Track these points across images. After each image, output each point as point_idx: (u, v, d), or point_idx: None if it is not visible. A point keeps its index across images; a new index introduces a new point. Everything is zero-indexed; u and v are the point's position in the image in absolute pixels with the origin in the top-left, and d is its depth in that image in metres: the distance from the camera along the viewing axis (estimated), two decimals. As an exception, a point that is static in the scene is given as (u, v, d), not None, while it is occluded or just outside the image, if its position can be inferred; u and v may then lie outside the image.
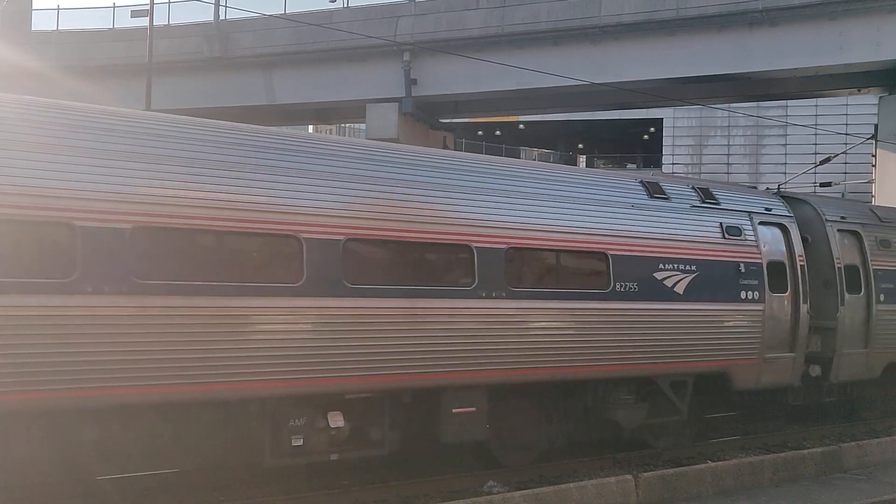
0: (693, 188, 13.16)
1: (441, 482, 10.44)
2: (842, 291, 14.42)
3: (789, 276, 13.54)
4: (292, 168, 9.19)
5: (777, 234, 13.73)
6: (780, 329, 13.38)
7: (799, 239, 13.87)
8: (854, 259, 14.86)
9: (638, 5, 28.41)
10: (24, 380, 7.45)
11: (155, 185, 8.22)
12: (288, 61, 32.35)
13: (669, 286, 11.93)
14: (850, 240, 14.99)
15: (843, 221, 14.98)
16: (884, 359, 15.17)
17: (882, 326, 14.99)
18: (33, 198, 7.57)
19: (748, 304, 12.87)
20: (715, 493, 10.37)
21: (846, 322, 14.44)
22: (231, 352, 8.42)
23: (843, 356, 14.37)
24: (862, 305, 14.81)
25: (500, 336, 10.40)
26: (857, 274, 14.83)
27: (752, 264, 13.00)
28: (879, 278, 15.05)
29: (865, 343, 14.83)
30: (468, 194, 10.51)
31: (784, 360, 13.42)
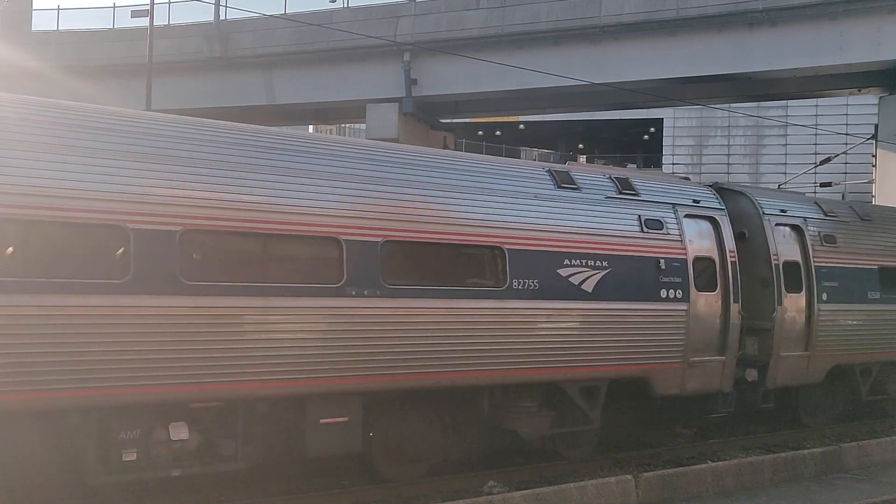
0: (610, 178, 12.24)
1: (441, 482, 10.43)
2: (779, 290, 13.52)
3: (719, 273, 12.68)
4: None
5: (706, 227, 12.82)
6: (708, 330, 12.52)
7: (730, 233, 12.98)
8: (795, 255, 13.97)
9: (638, 5, 28.41)
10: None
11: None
12: (288, 61, 32.36)
13: (576, 283, 11.03)
14: (790, 235, 14.12)
15: (782, 215, 14.09)
16: (828, 361, 14.27)
17: (825, 327, 14.10)
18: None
19: (670, 304, 11.98)
20: (715, 493, 10.38)
21: (784, 323, 13.56)
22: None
23: (781, 359, 13.50)
24: (803, 305, 13.93)
25: (375, 339, 9.43)
26: (798, 271, 13.94)
27: (674, 260, 12.12)
28: (823, 276, 14.18)
29: (807, 345, 13.90)
30: (336, 181, 9.49)
31: (713, 363, 12.55)
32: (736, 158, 53.79)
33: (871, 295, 14.95)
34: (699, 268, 12.45)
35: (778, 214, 14.02)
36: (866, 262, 15.06)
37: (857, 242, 15.12)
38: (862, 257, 15.02)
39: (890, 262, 15.57)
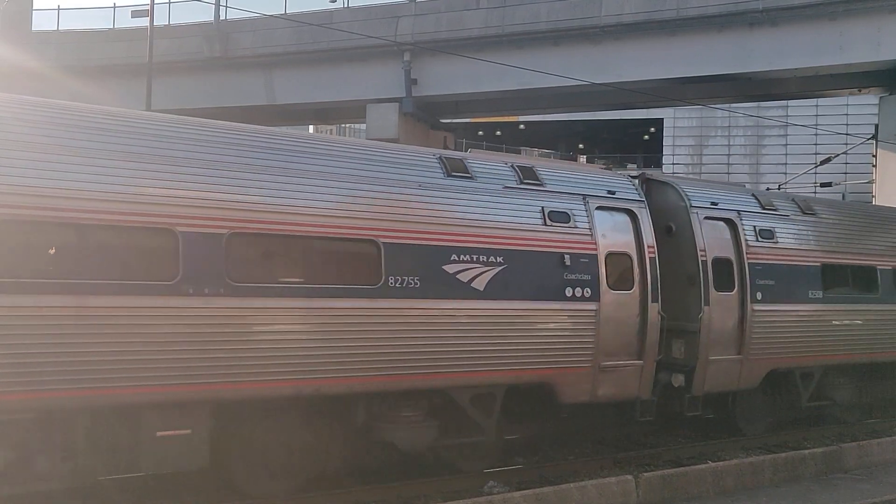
0: (511, 167, 11.25)
1: (441, 482, 10.43)
2: (706, 289, 12.53)
3: (636, 270, 11.72)
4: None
5: (623, 221, 11.85)
6: (624, 332, 11.55)
7: (650, 227, 11.96)
8: (726, 251, 12.98)
9: (638, 5, 28.41)
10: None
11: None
12: (288, 61, 32.37)
13: (465, 281, 10.10)
14: (722, 229, 13.13)
15: (713, 208, 13.08)
16: (763, 366, 13.33)
17: (760, 329, 13.14)
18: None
19: (576, 303, 11.04)
20: (716, 493, 10.38)
21: (713, 324, 12.55)
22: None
23: (709, 363, 12.54)
24: (734, 305, 12.93)
25: (218, 342, 8.50)
26: (730, 269, 12.96)
27: (582, 256, 11.18)
28: (758, 273, 13.18)
29: (739, 348, 12.94)
30: (172, 166, 8.58)
31: (629, 368, 11.60)
32: (736, 158, 53.85)
33: (812, 294, 14.01)
34: (613, 264, 11.53)
35: (708, 207, 13.03)
36: (808, 259, 14.12)
37: (798, 238, 14.18)
38: (803, 254, 14.09)
39: (833, 259, 14.62)
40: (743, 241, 13.17)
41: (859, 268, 15.10)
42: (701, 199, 13.08)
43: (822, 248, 14.42)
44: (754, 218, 13.61)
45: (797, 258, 13.96)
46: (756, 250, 13.31)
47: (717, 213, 13.12)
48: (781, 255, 13.69)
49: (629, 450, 12.68)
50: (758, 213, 13.74)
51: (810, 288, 13.98)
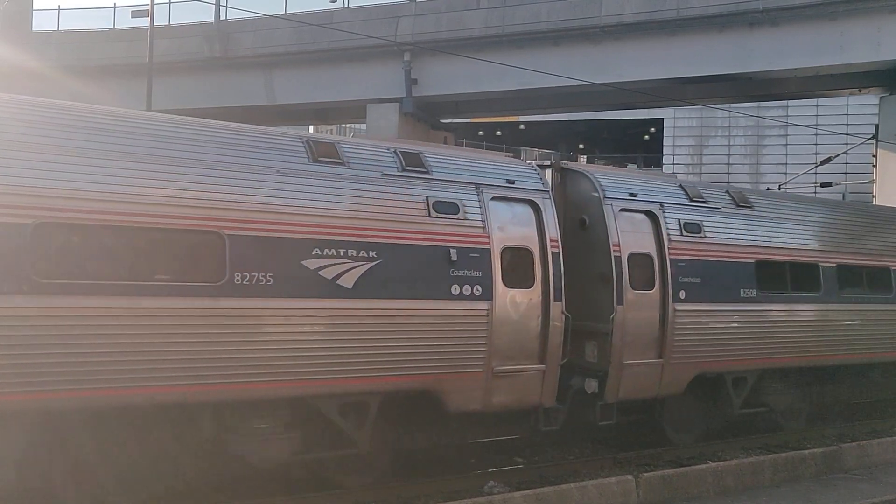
0: (394, 152, 10.30)
1: (442, 482, 10.43)
2: (621, 287, 11.63)
3: (538, 266, 10.81)
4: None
5: (523, 213, 10.95)
6: (522, 334, 10.64)
7: (554, 219, 11.08)
8: (646, 247, 12.09)
9: (638, 5, 28.41)
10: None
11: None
12: (288, 61, 32.37)
13: (330, 278, 9.17)
14: (642, 222, 12.24)
15: (631, 200, 12.16)
16: (688, 370, 12.46)
17: (684, 330, 12.26)
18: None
19: (464, 302, 10.12)
20: (716, 493, 10.38)
21: (628, 325, 11.66)
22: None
23: (624, 368, 11.66)
24: (654, 304, 12.05)
25: (17, 346, 7.56)
26: (650, 265, 12.08)
27: (472, 251, 10.26)
28: (681, 270, 12.30)
29: (660, 351, 12.07)
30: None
31: (529, 374, 10.68)
32: (736, 159, 53.78)
33: (745, 293, 13.11)
34: (510, 260, 10.62)
35: (625, 199, 12.11)
36: (740, 255, 13.20)
37: (729, 232, 13.24)
38: (735, 250, 13.16)
39: (770, 256, 13.70)
40: (665, 236, 12.26)
41: (800, 265, 14.22)
42: (617, 190, 12.14)
43: (757, 243, 13.53)
44: (680, 210, 12.70)
45: (728, 254, 13.04)
46: (680, 245, 12.40)
47: (635, 205, 12.22)
48: (710, 250, 12.78)
49: (629, 450, 12.67)
50: (684, 206, 12.83)
51: (743, 286, 13.10)
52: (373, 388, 9.61)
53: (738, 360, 13.14)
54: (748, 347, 13.21)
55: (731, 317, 13.02)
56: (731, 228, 13.34)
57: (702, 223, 12.86)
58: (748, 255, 13.33)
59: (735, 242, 13.22)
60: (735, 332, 13.08)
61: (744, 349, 13.15)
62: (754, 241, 13.53)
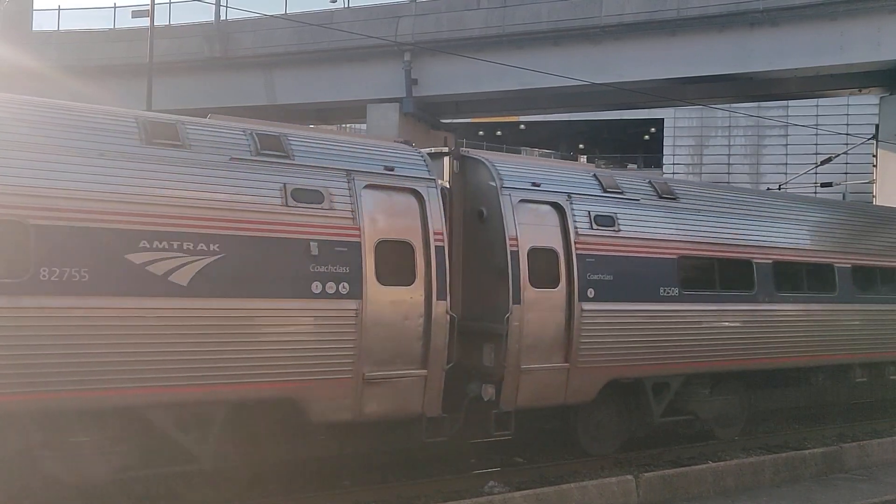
0: (250, 135, 9.35)
1: (442, 482, 10.43)
2: (517, 284, 10.67)
3: (419, 262, 9.95)
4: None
5: (404, 203, 10.09)
6: (400, 336, 9.79)
7: (439, 211, 10.22)
8: (549, 241, 11.16)
9: (639, 5, 28.41)
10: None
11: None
12: (288, 61, 32.37)
13: (160, 274, 8.28)
14: (546, 214, 11.31)
15: (533, 190, 11.23)
16: (599, 375, 11.51)
17: (593, 332, 11.33)
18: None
19: (328, 301, 9.25)
20: (716, 493, 10.37)
21: (526, 327, 10.71)
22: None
23: (522, 373, 10.71)
24: (559, 304, 11.10)
25: None
26: (554, 261, 11.16)
27: (338, 244, 9.39)
28: (590, 267, 11.36)
29: (566, 355, 11.13)
30: None
31: (407, 380, 9.79)
32: (737, 159, 53.82)
33: (665, 292, 12.17)
34: (386, 255, 9.77)
35: (526, 189, 11.19)
36: (661, 250, 12.23)
37: (648, 226, 12.27)
38: (655, 245, 12.20)
39: (696, 252, 12.75)
40: (572, 229, 11.34)
41: (731, 261, 13.25)
42: (517, 179, 11.19)
43: (680, 238, 12.54)
44: (590, 202, 11.73)
45: (646, 249, 12.07)
46: (589, 240, 11.47)
47: (539, 196, 11.29)
48: (624, 245, 11.83)
49: (629, 450, 12.66)
50: (596, 197, 11.86)
51: (663, 284, 12.16)
52: (216, 397, 8.67)
53: (657, 365, 12.18)
54: (669, 351, 12.23)
55: (649, 317, 12.03)
56: (651, 221, 12.35)
57: (616, 216, 11.90)
58: (670, 250, 12.35)
59: (654, 237, 12.25)
60: (653, 334, 12.07)
61: (664, 353, 12.18)
62: (677, 235, 12.53)
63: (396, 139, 10.77)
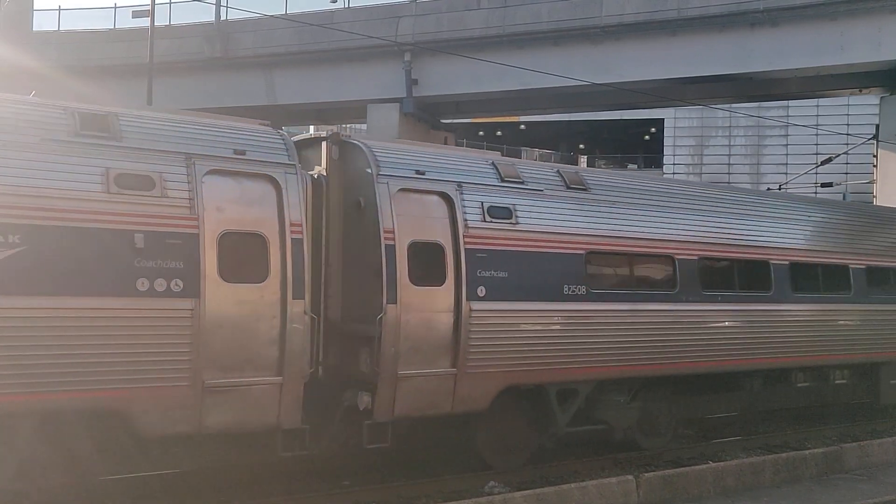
0: (71, 114, 8.44)
1: (442, 482, 10.43)
2: (393, 282, 9.73)
3: (272, 256, 9.04)
4: None
5: (258, 191, 9.15)
6: (249, 339, 8.89)
7: (298, 200, 9.29)
8: (434, 234, 10.23)
9: (639, 5, 28.40)
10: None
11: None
12: (289, 62, 32.37)
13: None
14: (431, 205, 10.37)
15: (417, 178, 10.29)
16: (493, 381, 10.50)
17: (484, 334, 10.33)
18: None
19: (158, 300, 8.31)
20: (716, 493, 10.37)
21: (405, 328, 9.78)
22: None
23: (400, 380, 9.76)
24: (445, 303, 10.16)
25: None
26: (440, 257, 10.20)
27: (171, 236, 8.45)
28: (482, 263, 10.39)
29: (454, 359, 10.15)
30: None
31: (259, 388, 8.89)
32: (737, 159, 53.83)
33: (571, 290, 11.18)
34: (233, 248, 8.88)
35: (408, 177, 10.24)
36: (566, 244, 11.27)
37: (552, 218, 11.27)
38: (558, 238, 11.21)
39: (606, 246, 11.76)
40: (461, 221, 10.37)
41: (650, 257, 12.32)
42: (397, 166, 10.29)
43: (590, 231, 11.58)
44: (485, 192, 10.78)
45: (548, 244, 11.10)
46: (481, 233, 10.51)
47: (423, 185, 10.35)
48: (522, 239, 10.86)
49: (630, 450, 12.66)
50: (491, 187, 10.91)
51: (568, 282, 11.17)
52: (18, 407, 7.73)
53: (562, 370, 11.12)
54: (575, 355, 11.21)
55: (550, 318, 11.07)
56: (555, 214, 11.36)
57: (514, 207, 10.93)
58: (576, 245, 11.37)
59: (558, 230, 11.27)
60: (556, 336, 11.12)
61: (569, 357, 11.14)
62: (586, 228, 11.56)
63: (263, 122, 9.89)
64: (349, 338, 10.05)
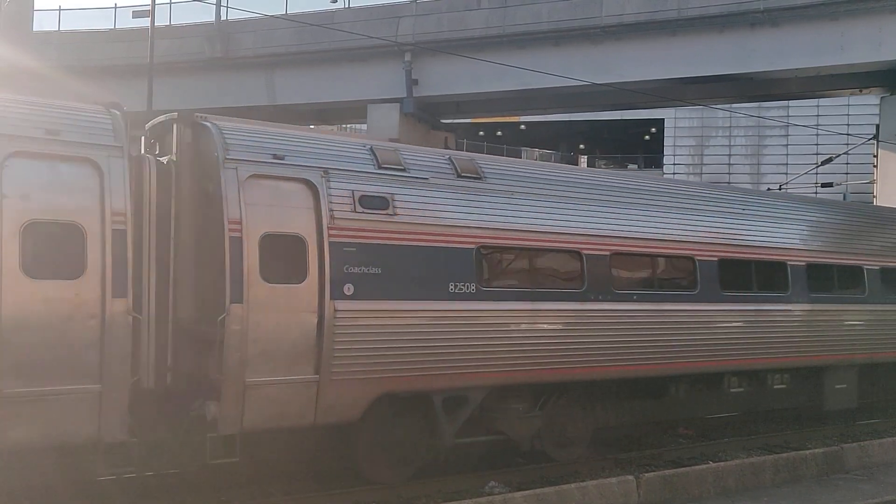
0: None
1: (442, 482, 10.42)
2: (238, 279, 8.78)
3: (93, 250, 8.17)
4: None
5: (74, 175, 8.21)
6: (58, 342, 7.97)
7: (123, 187, 8.36)
8: (296, 226, 9.27)
9: (639, 5, 28.40)
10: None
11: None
12: (289, 62, 32.37)
13: None
14: (292, 194, 9.37)
15: (274, 163, 9.30)
16: (364, 389, 9.53)
17: (353, 336, 9.39)
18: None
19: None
20: (716, 493, 10.37)
21: (255, 330, 8.82)
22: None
23: (250, 388, 8.83)
24: (305, 303, 9.20)
25: None
26: (301, 251, 9.25)
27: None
28: (351, 258, 9.42)
29: (317, 365, 9.19)
30: None
31: (73, 397, 7.97)
32: (737, 159, 53.85)
33: (458, 288, 10.20)
34: (40, 240, 7.99)
35: (263, 162, 9.25)
36: (454, 238, 10.26)
37: (437, 209, 10.33)
38: (444, 231, 10.26)
39: (501, 240, 10.75)
40: (326, 211, 9.41)
41: (551, 253, 11.29)
42: (250, 149, 9.29)
43: (482, 224, 10.59)
44: (357, 180, 9.80)
45: (432, 237, 10.12)
46: (350, 224, 9.55)
47: (281, 171, 9.36)
48: (400, 231, 9.90)
49: (630, 450, 12.66)
50: (365, 174, 9.92)
51: (455, 279, 10.19)
52: None
53: (449, 376, 10.17)
54: (465, 359, 10.22)
55: (433, 319, 10.05)
56: (441, 204, 10.38)
57: (392, 197, 9.96)
58: (465, 238, 10.37)
59: (444, 222, 10.29)
60: (440, 338, 10.07)
61: (458, 361, 10.17)
62: (478, 220, 10.55)
63: (105, 103, 9.04)
64: (199, 341, 9.14)
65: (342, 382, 9.35)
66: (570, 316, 11.24)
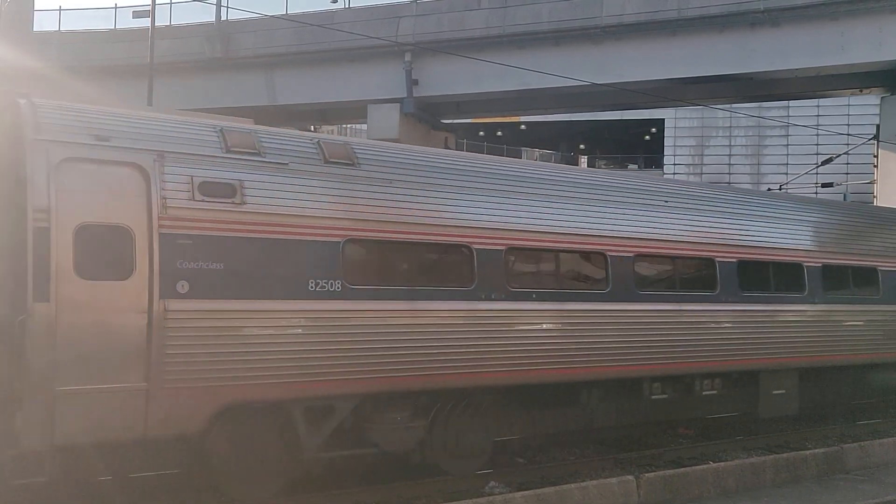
0: None
1: (442, 483, 10.41)
2: (44, 275, 7.84)
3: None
4: None
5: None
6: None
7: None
8: (121, 216, 8.27)
9: (639, 5, 28.42)
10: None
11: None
12: (289, 62, 32.41)
13: None
14: (119, 180, 8.36)
15: (94, 145, 8.30)
16: (203, 399, 8.52)
17: (188, 340, 8.42)
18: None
19: None
20: (717, 493, 10.36)
21: (68, 332, 7.89)
22: None
23: (61, 398, 7.84)
24: (132, 301, 8.23)
25: None
26: (128, 243, 8.31)
27: None
28: (187, 252, 8.47)
29: (146, 372, 8.21)
30: None
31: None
32: (737, 159, 53.86)
33: (319, 286, 9.19)
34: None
35: (84, 143, 8.28)
36: (315, 231, 9.29)
37: (297, 198, 9.30)
38: (304, 223, 9.27)
39: (373, 233, 9.68)
40: (158, 200, 8.44)
41: (434, 247, 10.29)
42: (66, 130, 8.28)
43: (353, 216, 9.57)
44: (198, 164, 8.80)
45: (288, 229, 9.12)
46: (186, 215, 8.56)
47: (106, 154, 8.34)
48: (249, 223, 8.89)
49: (630, 450, 12.66)
50: (209, 158, 8.92)
51: (316, 276, 9.19)
52: None
53: (309, 384, 9.15)
54: (328, 364, 9.24)
55: (289, 321, 9.11)
56: (301, 192, 9.35)
57: (241, 184, 8.95)
58: (330, 231, 9.38)
59: (304, 212, 9.29)
60: (298, 342, 9.14)
61: (320, 367, 9.19)
62: (346, 211, 9.55)
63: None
64: (2, 344, 8.16)
65: (177, 391, 8.36)
66: (457, 316, 10.17)
